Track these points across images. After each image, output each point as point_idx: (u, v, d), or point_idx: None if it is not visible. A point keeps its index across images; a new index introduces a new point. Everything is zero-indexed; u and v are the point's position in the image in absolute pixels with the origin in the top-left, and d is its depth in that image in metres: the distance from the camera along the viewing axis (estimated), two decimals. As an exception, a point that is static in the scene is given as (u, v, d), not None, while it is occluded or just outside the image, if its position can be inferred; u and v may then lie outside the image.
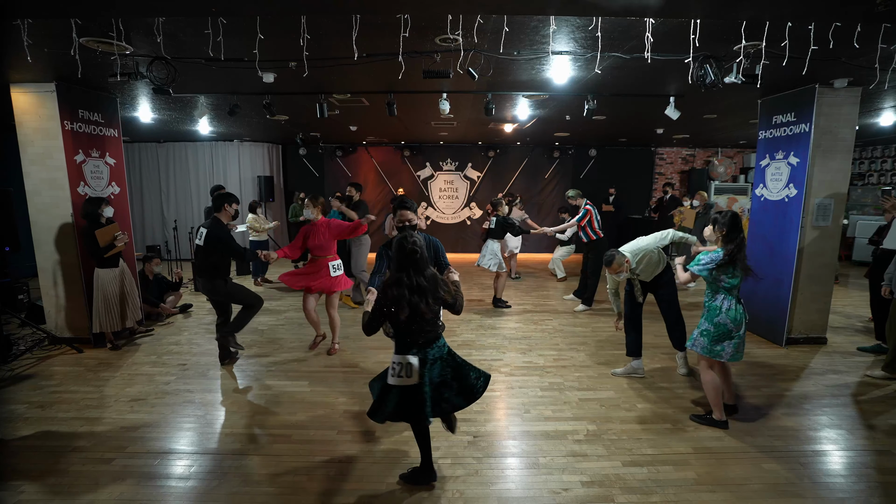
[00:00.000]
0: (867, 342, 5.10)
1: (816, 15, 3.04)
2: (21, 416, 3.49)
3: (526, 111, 6.71)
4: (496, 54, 3.84)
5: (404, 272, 2.44)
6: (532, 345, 5.05)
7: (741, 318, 3.18)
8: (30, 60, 3.64)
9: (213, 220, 4.23)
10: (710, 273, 3.14)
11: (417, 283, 2.42)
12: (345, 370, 4.37)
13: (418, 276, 2.44)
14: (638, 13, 3.06)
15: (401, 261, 2.44)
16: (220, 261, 4.25)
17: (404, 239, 2.46)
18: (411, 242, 2.44)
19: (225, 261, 4.29)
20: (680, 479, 2.76)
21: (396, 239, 2.51)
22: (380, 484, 2.72)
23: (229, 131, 9.08)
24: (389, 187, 11.44)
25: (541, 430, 3.31)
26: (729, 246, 3.10)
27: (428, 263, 2.54)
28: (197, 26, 3.32)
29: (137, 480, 2.75)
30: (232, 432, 3.29)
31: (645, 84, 5.05)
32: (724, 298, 3.19)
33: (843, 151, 4.79)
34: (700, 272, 3.18)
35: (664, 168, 11.79)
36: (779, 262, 5.07)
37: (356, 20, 3.18)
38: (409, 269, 2.44)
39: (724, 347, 3.20)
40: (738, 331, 3.18)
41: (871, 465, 2.94)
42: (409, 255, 2.43)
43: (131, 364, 4.51)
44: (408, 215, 3.13)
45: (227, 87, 5.26)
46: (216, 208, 4.30)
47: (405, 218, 3.12)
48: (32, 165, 4.73)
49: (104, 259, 4.65)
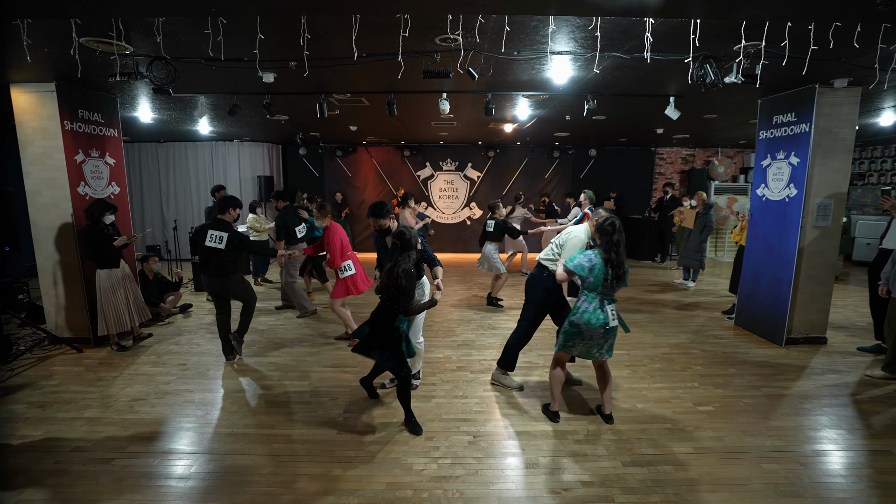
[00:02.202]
0: (867, 342, 5.10)
1: (816, 15, 3.04)
2: (21, 417, 3.49)
3: (526, 111, 6.71)
4: (496, 54, 3.84)
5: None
6: (532, 345, 5.04)
7: (598, 323, 3.10)
8: (30, 60, 3.65)
9: (223, 222, 4.34)
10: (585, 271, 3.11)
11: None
12: (345, 370, 4.37)
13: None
14: (638, 13, 3.06)
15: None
16: (236, 260, 4.43)
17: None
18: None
19: (239, 260, 4.48)
20: (680, 479, 2.76)
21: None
22: (380, 484, 2.72)
23: (229, 131, 9.08)
24: (389, 187, 11.45)
25: (541, 430, 3.31)
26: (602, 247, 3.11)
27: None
28: (197, 26, 3.32)
29: (137, 480, 2.75)
30: (232, 432, 3.29)
31: (645, 84, 5.05)
32: (586, 300, 3.17)
33: (843, 151, 4.79)
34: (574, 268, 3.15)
35: (664, 168, 11.79)
36: (779, 262, 5.07)
37: (356, 20, 3.18)
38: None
39: (575, 345, 3.23)
40: (590, 335, 3.13)
41: (871, 465, 2.94)
42: None
43: (131, 364, 4.51)
44: (378, 222, 3.77)
45: (227, 87, 5.26)
46: (221, 210, 4.38)
47: (376, 225, 3.79)
48: (32, 165, 4.72)
49: (104, 260, 4.62)
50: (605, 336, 3.16)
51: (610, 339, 3.20)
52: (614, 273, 3.07)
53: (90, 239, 4.51)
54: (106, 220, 4.64)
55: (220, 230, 4.30)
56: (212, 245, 4.28)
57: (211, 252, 4.30)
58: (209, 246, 4.28)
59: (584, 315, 3.14)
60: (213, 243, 4.27)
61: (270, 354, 4.79)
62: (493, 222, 6.49)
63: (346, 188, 11.48)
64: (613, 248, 3.07)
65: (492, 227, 6.50)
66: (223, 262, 4.32)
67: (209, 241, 4.27)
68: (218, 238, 4.28)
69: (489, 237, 6.54)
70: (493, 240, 6.53)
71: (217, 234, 4.28)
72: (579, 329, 3.16)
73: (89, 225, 4.55)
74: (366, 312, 6.28)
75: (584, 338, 3.17)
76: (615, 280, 3.08)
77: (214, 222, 4.36)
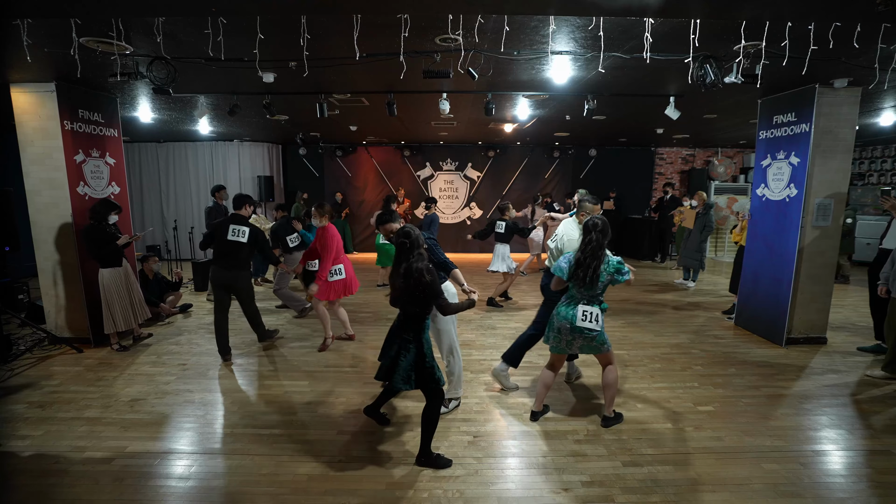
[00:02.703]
0: (867, 342, 5.10)
1: (816, 15, 3.04)
2: (21, 416, 3.49)
3: (526, 111, 6.71)
4: (496, 54, 3.84)
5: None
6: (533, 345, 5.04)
7: (565, 319, 3.13)
8: (30, 60, 3.65)
9: (241, 217, 4.53)
10: (564, 273, 3.17)
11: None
12: (345, 370, 4.37)
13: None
14: (638, 13, 3.06)
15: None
16: (251, 256, 4.68)
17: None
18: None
19: (253, 256, 4.67)
20: (680, 479, 2.76)
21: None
22: (380, 483, 2.72)
23: (229, 131, 9.08)
24: (389, 187, 11.44)
25: (541, 430, 3.31)
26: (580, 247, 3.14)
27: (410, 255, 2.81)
28: (197, 26, 3.32)
29: (137, 480, 2.75)
30: (232, 432, 3.29)
31: (645, 84, 5.05)
32: (566, 296, 3.25)
33: (843, 151, 4.79)
34: (554, 271, 3.24)
35: (664, 168, 11.79)
36: (779, 262, 5.07)
37: (356, 20, 3.18)
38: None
39: (549, 337, 3.29)
40: (558, 330, 3.18)
41: (871, 465, 2.94)
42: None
43: (131, 364, 4.51)
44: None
45: (227, 87, 5.26)
46: (237, 206, 4.55)
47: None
48: (32, 165, 4.72)
49: (107, 259, 4.63)
50: (572, 332, 3.14)
51: (578, 338, 3.16)
52: (582, 273, 3.06)
53: (93, 238, 4.53)
54: (110, 220, 4.68)
55: (240, 224, 4.47)
56: (234, 239, 4.43)
57: (231, 245, 4.44)
58: (230, 239, 4.43)
59: (558, 307, 3.24)
60: (235, 237, 4.43)
61: (270, 354, 4.79)
62: (504, 223, 6.51)
63: (346, 188, 11.48)
64: (585, 247, 3.07)
65: (502, 228, 6.52)
66: (242, 256, 4.51)
67: (231, 235, 4.43)
68: (241, 232, 4.44)
69: (500, 238, 6.56)
70: (505, 241, 6.56)
71: (239, 228, 4.45)
72: (552, 321, 3.25)
73: (93, 224, 4.56)
74: (366, 312, 6.32)
75: (554, 329, 3.22)
76: (584, 280, 3.06)
77: (233, 217, 4.52)
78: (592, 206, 3.70)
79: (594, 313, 3.12)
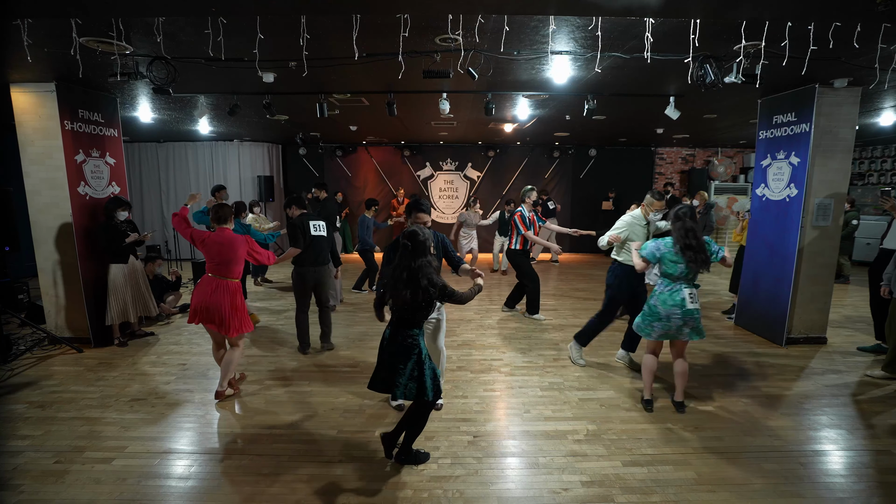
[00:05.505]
0: (867, 342, 5.10)
1: (816, 15, 3.04)
2: (21, 416, 3.49)
3: (526, 111, 6.71)
4: (496, 54, 3.84)
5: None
6: (532, 345, 5.05)
7: (674, 305, 3.29)
8: (30, 60, 3.64)
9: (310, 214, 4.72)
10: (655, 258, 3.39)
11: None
12: (345, 370, 4.37)
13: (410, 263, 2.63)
14: (638, 13, 3.06)
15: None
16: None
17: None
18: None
19: None
20: (680, 479, 2.76)
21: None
22: (380, 484, 2.72)
23: (229, 131, 9.08)
24: (389, 187, 11.44)
25: (541, 430, 3.31)
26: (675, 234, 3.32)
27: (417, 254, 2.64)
28: (197, 26, 3.32)
29: (137, 480, 2.75)
30: (232, 432, 3.29)
31: (645, 84, 5.05)
32: (664, 284, 3.39)
33: (843, 151, 4.79)
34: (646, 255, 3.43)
35: (664, 168, 11.79)
36: (779, 262, 5.07)
37: (356, 20, 3.18)
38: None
39: (654, 328, 3.41)
40: (667, 318, 3.33)
41: (871, 465, 2.94)
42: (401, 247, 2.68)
43: (131, 364, 4.51)
44: (423, 217, 3.33)
45: (227, 86, 5.26)
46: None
47: (420, 221, 3.30)
48: (32, 165, 4.72)
49: (116, 255, 4.84)
50: (683, 317, 3.30)
51: (689, 321, 3.32)
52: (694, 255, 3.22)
53: (104, 234, 4.77)
54: (119, 217, 4.88)
55: (317, 220, 4.67)
56: (317, 234, 4.59)
57: (315, 240, 4.57)
58: (315, 235, 4.57)
59: (660, 297, 3.36)
60: (318, 232, 4.60)
61: (270, 354, 4.79)
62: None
63: (346, 188, 11.47)
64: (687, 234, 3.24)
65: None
66: (326, 249, 4.67)
67: (314, 231, 4.57)
68: (320, 227, 4.64)
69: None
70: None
71: (317, 223, 4.64)
72: (657, 311, 3.36)
73: (105, 221, 4.81)
74: (365, 312, 6.32)
75: (661, 320, 3.35)
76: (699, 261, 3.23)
77: (308, 215, 4.65)
78: (655, 200, 4.17)
79: (695, 294, 3.34)
